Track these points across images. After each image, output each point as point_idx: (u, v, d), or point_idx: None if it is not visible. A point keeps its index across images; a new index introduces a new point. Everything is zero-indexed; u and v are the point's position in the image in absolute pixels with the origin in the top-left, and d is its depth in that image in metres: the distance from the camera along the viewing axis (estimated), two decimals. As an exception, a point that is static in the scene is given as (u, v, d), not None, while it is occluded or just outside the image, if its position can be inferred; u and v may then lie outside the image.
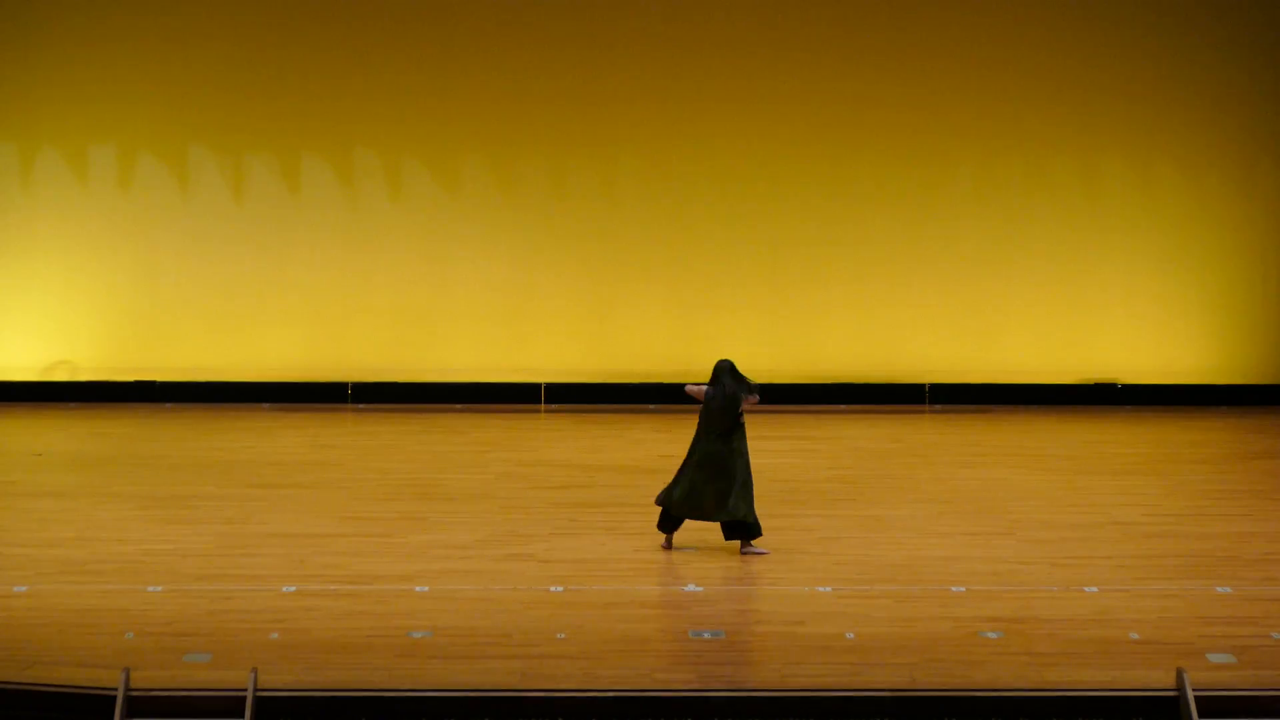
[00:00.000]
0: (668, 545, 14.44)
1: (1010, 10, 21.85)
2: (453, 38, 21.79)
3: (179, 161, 21.85)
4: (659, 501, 14.43)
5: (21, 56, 21.62)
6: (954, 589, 13.32)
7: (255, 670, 10.97)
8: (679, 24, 21.83)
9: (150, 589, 13.33)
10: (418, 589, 13.29)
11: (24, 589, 13.29)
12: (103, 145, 21.79)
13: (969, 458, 18.71)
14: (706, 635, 12.20)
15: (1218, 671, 11.42)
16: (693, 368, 21.48)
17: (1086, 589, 13.35)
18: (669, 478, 15.04)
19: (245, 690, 10.78)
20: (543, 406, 21.83)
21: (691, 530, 14.89)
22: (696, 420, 14.59)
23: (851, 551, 14.76)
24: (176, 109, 21.71)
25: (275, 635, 12.15)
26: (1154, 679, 11.24)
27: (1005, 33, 21.85)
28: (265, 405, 21.29)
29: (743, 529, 14.34)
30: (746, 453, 14.45)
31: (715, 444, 14.32)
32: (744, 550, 14.33)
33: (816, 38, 21.84)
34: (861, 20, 21.82)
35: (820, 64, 21.86)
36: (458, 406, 21.50)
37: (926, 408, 21.92)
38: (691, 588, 13.40)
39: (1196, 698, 10.83)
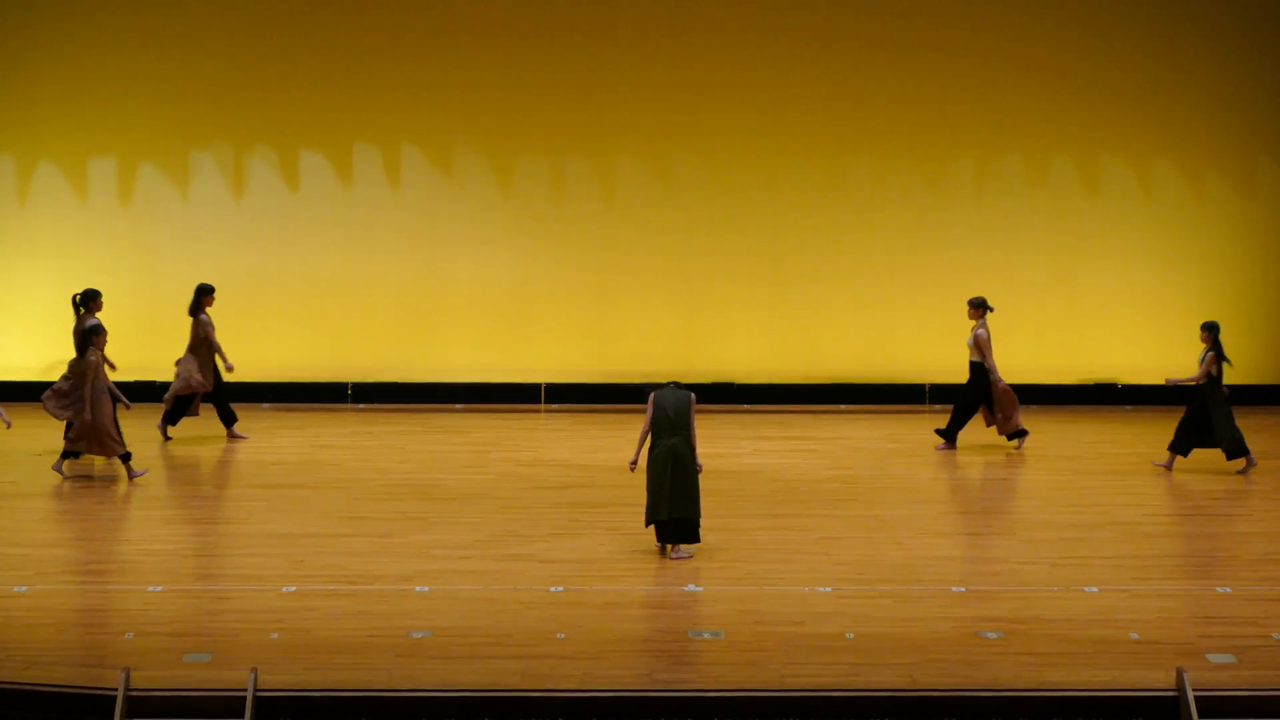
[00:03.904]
0: (663, 551, 14.43)
1: (1010, 10, 21.86)
2: (452, 39, 21.79)
3: (178, 162, 21.85)
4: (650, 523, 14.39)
5: (21, 60, 21.61)
6: (954, 589, 13.32)
7: (255, 670, 10.97)
8: (679, 23, 21.84)
9: (150, 589, 13.33)
10: (418, 589, 13.29)
11: (24, 589, 13.29)
12: (103, 145, 21.79)
13: (969, 458, 18.70)
14: (706, 635, 12.20)
15: (1218, 671, 11.42)
16: (693, 367, 21.52)
17: (1086, 589, 13.35)
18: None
19: (245, 690, 10.79)
20: (543, 406, 21.83)
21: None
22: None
23: (851, 551, 14.76)
24: (176, 110, 21.72)
25: (275, 635, 12.14)
26: (1154, 679, 11.24)
27: (1005, 32, 21.86)
28: (265, 405, 21.29)
29: (689, 529, 14.25)
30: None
31: (674, 440, 14.19)
32: (675, 554, 14.23)
33: (816, 38, 21.84)
34: (861, 21, 21.82)
35: (820, 64, 21.86)
36: (458, 406, 21.51)
37: (926, 408, 21.93)
38: (691, 588, 13.40)
39: (1196, 698, 10.83)
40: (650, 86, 21.88)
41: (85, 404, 16.75)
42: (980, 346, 18.72)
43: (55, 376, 21.00)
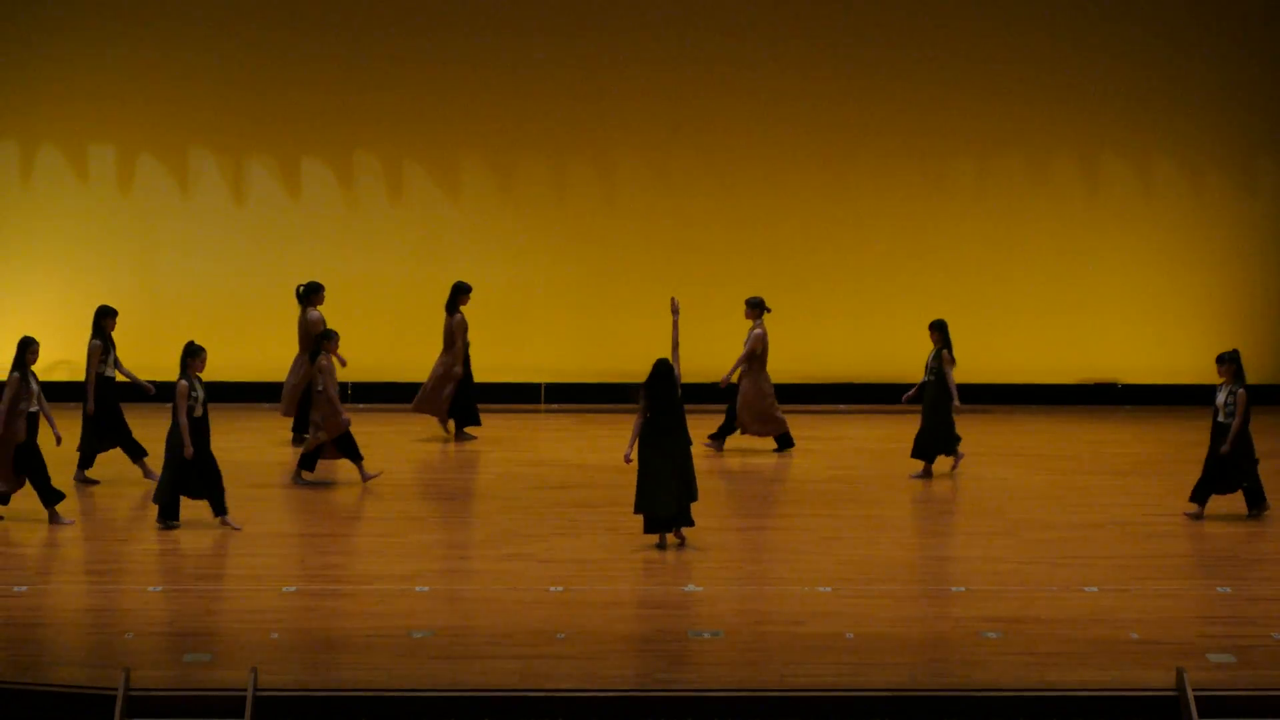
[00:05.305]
0: (663, 545, 14.45)
1: (1010, 10, 21.85)
2: (452, 39, 21.79)
3: (179, 162, 21.85)
4: (641, 511, 14.48)
5: (22, 56, 21.63)
6: (954, 589, 13.33)
7: (255, 670, 10.97)
8: (678, 24, 21.83)
9: (150, 589, 13.34)
10: (418, 589, 13.29)
11: (24, 589, 13.29)
12: (103, 145, 21.80)
13: (969, 458, 18.69)
14: (706, 635, 12.20)
15: (1218, 671, 11.42)
16: (693, 366, 21.45)
17: (1086, 589, 13.36)
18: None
19: (245, 690, 10.79)
20: (543, 406, 21.81)
21: (690, 528, 14.89)
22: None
23: (851, 551, 14.76)
24: (177, 109, 21.72)
25: (275, 635, 12.15)
26: (1154, 679, 11.24)
27: (1005, 32, 21.85)
28: (265, 405, 21.27)
29: (688, 516, 14.43)
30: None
31: (674, 438, 14.34)
32: (680, 537, 14.38)
33: (816, 38, 21.83)
34: (861, 21, 21.82)
35: (820, 64, 21.85)
36: (456, 406, 21.47)
37: (926, 408, 21.92)
38: (691, 588, 13.40)
39: (1196, 698, 10.83)
40: (650, 87, 21.86)
41: (337, 406, 16.79)
42: (753, 346, 18.55)
43: (56, 375, 21.02)
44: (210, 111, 21.75)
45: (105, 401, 16.92)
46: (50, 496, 15.31)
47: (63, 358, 20.99)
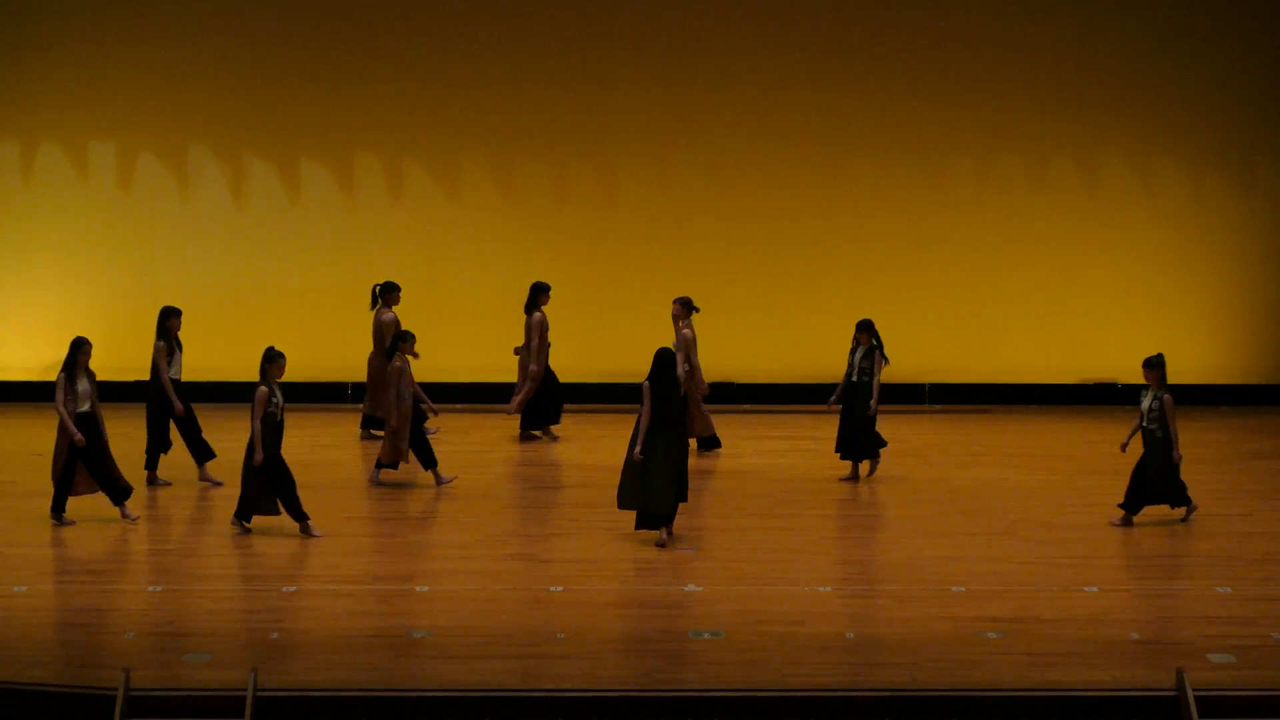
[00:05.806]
0: (662, 544, 14.45)
1: (1010, 10, 21.85)
2: (452, 40, 21.79)
3: (179, 162, 21.85)
4: (628, 506, 14.53)
5: (23, 54, 21.63)
6: (954, 589, 13.33)
7: (255, 670, 10.98)
8: (679, 25, 21.83)
9: (150, 589, 13.34)
10: (418, 589, 13.30)
11: (24, 589, 13.29)
12: (103, 144, 21.80)
13: (969, 458, 18.70)
14: (706, 635, 12.20)
15: (1218, 671, 11.42)
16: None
17: (1086, 589, 13.36)
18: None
19: (245, 690, 10.79)
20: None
21: (690, 528, 14.89)
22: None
23: (851, 551, 14.76)
24: (177, 109, 21.73)
25: (275, 635, 12.16)
26: (1154, 679, 11.24)
27: (1006, 33, 21.85)
28: (265, 405, 21.25)
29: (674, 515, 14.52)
30: None
31: (675, 433, 14.38)
32: (669, 541, 14.41)
33: (816, 39, 21.83)
34: (861, 22, 21.82)
35: (820, 64, 21.86)
36: (458, 406, 21.47)
37: (926, 408, 21.91)
38: (691, 588, 13.40)
39: (1196, 698, 10.84)
40: (650, 87, 21.86)
41: (392, 408, 16.76)
42: (686, 347, 18.51)
43: (56, 376, 21.00)
44: (211, 111, 21.76)
45: (165, 401, 16.87)
46: (59, 504, 15.31)
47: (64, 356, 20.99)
